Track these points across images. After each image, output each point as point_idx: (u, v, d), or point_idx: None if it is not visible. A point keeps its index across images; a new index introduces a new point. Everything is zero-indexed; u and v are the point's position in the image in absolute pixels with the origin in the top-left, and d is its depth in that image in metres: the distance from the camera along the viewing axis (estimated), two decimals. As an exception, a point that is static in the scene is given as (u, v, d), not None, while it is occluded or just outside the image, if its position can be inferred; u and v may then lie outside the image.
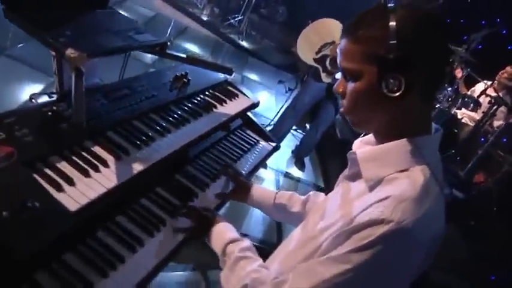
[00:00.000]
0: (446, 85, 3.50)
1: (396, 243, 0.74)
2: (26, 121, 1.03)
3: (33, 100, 1.14)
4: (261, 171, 3.72)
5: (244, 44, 6.09)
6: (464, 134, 3.67)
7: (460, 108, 3.93)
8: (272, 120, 4.36)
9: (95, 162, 1.07)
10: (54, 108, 1.08)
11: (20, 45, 3.27)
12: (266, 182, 3.64)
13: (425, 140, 0.86)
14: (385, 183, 0.84)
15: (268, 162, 4.13)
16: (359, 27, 0.85)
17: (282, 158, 4.06)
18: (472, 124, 3.74)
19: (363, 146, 1.03)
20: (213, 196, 1.45)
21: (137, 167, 1.12)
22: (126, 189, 1.07)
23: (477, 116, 3.87)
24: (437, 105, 3.51)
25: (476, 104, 3.84)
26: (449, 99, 3.51)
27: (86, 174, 1.02)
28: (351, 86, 0.88)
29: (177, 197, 1.36)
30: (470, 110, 3.85)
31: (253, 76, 5.44)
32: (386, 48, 0.80)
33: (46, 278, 0.95)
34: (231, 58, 5.62)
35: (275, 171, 3.84)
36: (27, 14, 1.13)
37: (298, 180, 3.91)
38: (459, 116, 3.73)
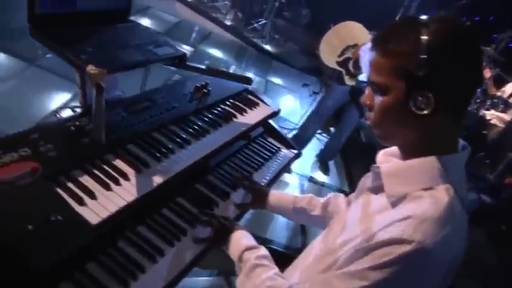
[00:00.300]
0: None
1: (416, 263, 0.74)
2: (50, 136, 1.07)
3: (57, 114, 1.19)
4: (286, 176, 3.71)
5: (268, 47, 6.09)
6: (493, 135, 3.56)
7: (488, 110, 3.82)
8: (297, 124, 4.35)
9: (116, 175, 1.10)
10: (77, 123, 1.12)
11: (49, 55, 3.39)
12: (290, 187, 3.64)
13: (451, 158, 0.85)
14: (408, 200, 0.83)
15: (293, 166, 4.13)
16: (389, 40, 0.84)
17: (306, 163, 4.05)
18: (501, 125, 3.62)
19: (386, 159, 1.02)
20: (233, 205, 1.46)
21: (157, 180, 1.15)
22: (146, 201, 1.10)
23: (507, 117, 3.74)
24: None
25: (506, 105, 3.71)
26: (478, 100, 3.41)
27: (107, 187, 1.06)
28: (378, 99, 0.87)
29: (198, 206, 1.37)
30: (500, 111, 3.73)
31: (277, 80, 5.44)
32: (415, 64, 0.79)
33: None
34: (255, 62, 5.63)
35: (299, 176, 3.83)
36: (51, 32, 1.18)
37: (322, 184, 3.89)
38: (488, 117, 3.62)
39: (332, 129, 4.46)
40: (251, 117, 1.69)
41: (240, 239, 1.16)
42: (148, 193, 1.10)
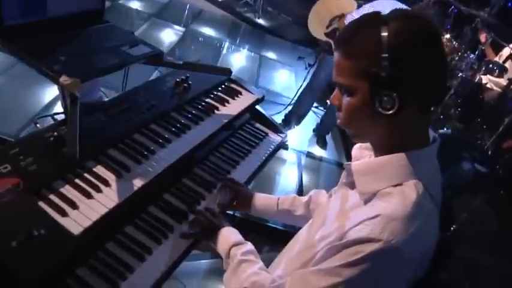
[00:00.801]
0: (468, 52, 3.36)
1: (384, 261, 0.77)
2: (30, 149, 1.10)
3: (38, 125, 1.22)
4: (283, 153, 3.75)
5: (261, 21, 6.02)
6: (489, 100, 3.53)
7: (485, 75, 3.77)
8: (292, 99, 4.34)
9: (96, 182, 1.13)
10: (55, 133, 1.15)
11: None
12: (288, 164, 3.67)
13: (420, 153, 0.87)
14: (379, 197, 0.86)
15: (290, 142, 4.16)
16: (350, 41, 0.85)
17: (303, 138, 4.07)
18: (498, 89, 3.58)
19: (361, 152, 1.05)
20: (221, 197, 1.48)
21: (137, 183, 1.18)
22: (128, 205, 1.14)
23: (503, 81, 3.70)
24: (460, 74, 3.37)
25: (502, 70, 3.66)
26: (473, 66, 3.37)
27: (88, 195, 1.09)
28: (345, 100, 0.88)
29: (184, 201, 1.41)
30: (495, 76, 3.68)
31: (271, 55, 5.40)
32: (378, 64, 0.79)
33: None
34: (249, 38, 5.58)
35: (297, 152, 3.85)
36: (22, 43, 1.19)
37: (320, 159, 3.92)
38: (484, 81, 3.58)
39: (328, 102, 4.45)
40: (233, 107, 1.71)
41: (228, 236, 1.19)
42: (129, 197, 1.14)
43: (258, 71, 4.83)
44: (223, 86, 1.80)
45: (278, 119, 4.03)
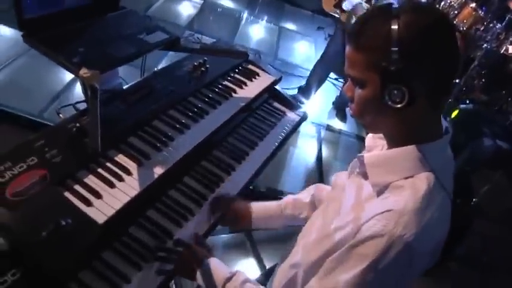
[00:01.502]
0: (495, 21, 3.22)
1: (398, 255, 0.79)
2: (54, 141, 1.14)
3: (60, 115, 1.26)
4: (302, 126, 3.75)
5: (280, -9, 5.88)
6: (516, 69, 3.40)
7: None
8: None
9: (118, 171, 1.18)
10: (77, 124, 1.19)
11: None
12: (307, 136, 3.67)
13: (432, 146, 0.87)
14: (391, 190, 0.88)
15: (309, 115, 4.15)
16: (361, 34, 0.85)
17: (322, 111, 4.05)
18: (525, 60, 3.44)
19: (375, 142, 1.06)
20: (237, 182, 1.51)
21: (157, 171, 1.22)
22: (150, 192, 1.18)
23: (532, 51, 3.54)
24: (484, 45, 3.25)
25: (532, 39, 3.50)
26: (499, 36, 3.23)
27: (111, 185, 1.14)
28: (357, 91, 0.89)
29: (204, 185, 1.45)
30: (524, 46, 3.53)
31: (290, 26, 5.30)
32: (388, 58, 0.80)
33: (89, 276, 1.10)
34: (268, 8, 5.47)
35: (316, 125, 3.85)
36: (43, 36, 1.21)
37: (339, 132, 3.91)
38: (510, 51, 3.44)
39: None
40: (251, 89, 1.71)
41: (215, 272, 1.13)
42: (149, 185, 1.18)
43: (278, 43, 4.77)
44: (240, 68, 1.80)
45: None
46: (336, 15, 3.45)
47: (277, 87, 2.01)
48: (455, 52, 0.85)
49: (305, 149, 3.55)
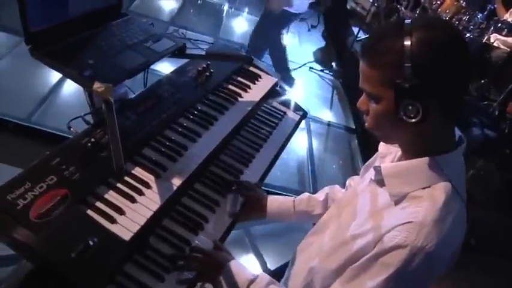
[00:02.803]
0: (477, 12, 3.30)
1: (420, 264, 0.82)
2: (70, 158, 1.12)
3: (72, 129, 1.23)
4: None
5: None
6: (497, 59, 3.50)
7: (492, 33, 3.71)
8: (297, 63, 4.30)
9: (137, 185, 1.17)
10: (92, 139, 1.17)
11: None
12: (298, 131, 3.67)
13: (447, 157, 0.90)
14: (409, 200, 0.90)
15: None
16: (374, 50, 0.87)
17: (309, 103, 4.07)
18: (506, 49, 3.55)
19: (388, 149, 1.10)
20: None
21: (176, 182, 1.22)
22: (170, 204, 1.18)
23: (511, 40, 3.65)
24: (467, 35, 3.33)
25: (511, 29, 3.60)
26: (481, 26, 3.31)
27: (132, 200, 1.13)
28: (372, 106, 0.92)
29: (215, 190, 1.44)
30: (504, 35, 3.63)
31: (272, 17, 5.26)
32: (402, 74, 0.82)
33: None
34: (249, 2, 5.43)
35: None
36: (50, 50, 1.18)
37: (328, 124, 3.95)
38: (492, 40, 3.54)
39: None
40: (255, 92, 1.71)
41: (238, 274, 1.14)
42: (170, 197, 1.18)
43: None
44: (242, 70, 1.79)
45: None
46: None
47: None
48: (467, 67, 0.87)
49: (295, 142, 3.58)
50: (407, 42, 0.81)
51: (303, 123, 3.74)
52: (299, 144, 3.58)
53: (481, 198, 3.14)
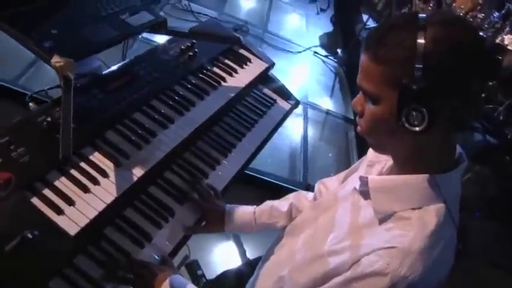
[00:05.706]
0: (493, 10, 3.12)
1: None
2: (21, 138, 1.02)
3: (31, 104, 1.12)
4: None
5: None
6: (508, 63, 3.33)
7: (507, 34, 3.53)
8: (304, 48, 4.15)
9: (93, 173, 1.07)
10: (49, 119, 1.06)
11: None
12: (292, 115, 3.57)
13: (446, 177, 0.80)
14: (396, 220, 0.80)
15: (297, 93, 4.05)
16: (381, 43, 0.74)
17: (310, 89, 3.94)
18: (520, 51, 3.38)
19: (377, 156, 0.98)
20: (223, 177, 1.42)
21: (137, 172, 1.12)
22: (127, 197, 1.08)
23: (528, 42, 3.47)
24: (480, 33, 3.17)
25: (529, 29, 3.42)
26: (496, 25, 3.15)
27: (85, 189, 1.03)
28: (369, 107, 0.79)
29: (186, 180, 1.34)
30: (520, 37, 3.45)
31: (282, -3, 5.08)
32: (410, 74, 0.70)
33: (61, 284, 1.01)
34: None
35: (303, 103, 3.74)
36: (10, 15, 1.06)
37: (327, 112, 3.82)
38: (506, 42, 3.37)
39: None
40: (242, 78, 1.59)
41: None
42: (127, 189, 1.08)
43: (268, 15, 4.56)
44: (231, 52, 1.66)
45: (289, 68, 3.89)
46: None
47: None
48: (486, 74, 0.76)
49: (290, 128, 3.46)
50: (421, 39, 0.69)
51: (300, 109, 3.67)
52: (294, 130, 3.46)
53: (474, 204, 3.06)
